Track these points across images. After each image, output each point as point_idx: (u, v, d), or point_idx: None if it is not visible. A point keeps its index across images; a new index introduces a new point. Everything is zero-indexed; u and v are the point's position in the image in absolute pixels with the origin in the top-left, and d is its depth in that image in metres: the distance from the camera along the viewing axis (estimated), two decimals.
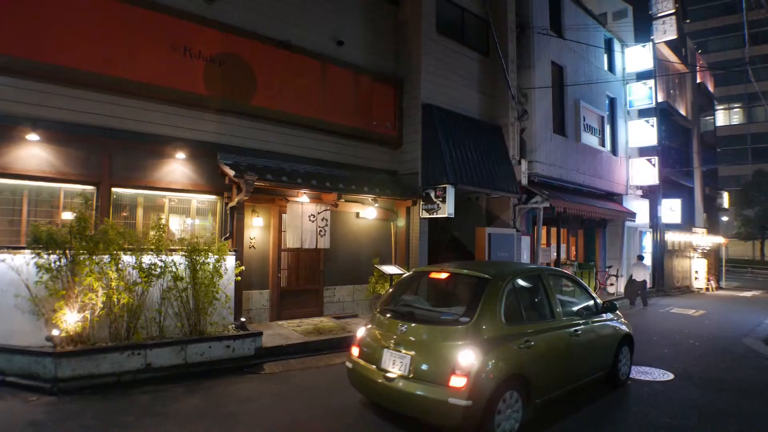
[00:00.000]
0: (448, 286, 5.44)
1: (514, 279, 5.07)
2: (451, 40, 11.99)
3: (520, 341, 4.60)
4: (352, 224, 10.77)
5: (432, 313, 5.01)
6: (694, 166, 25.07)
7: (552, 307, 5.35)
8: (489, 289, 4.69)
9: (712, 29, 53.82)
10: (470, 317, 4.47)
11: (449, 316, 4.70)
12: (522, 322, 4.86)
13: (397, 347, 4.61)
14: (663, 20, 20.29)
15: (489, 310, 4.53)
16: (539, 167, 13.57)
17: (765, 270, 39.68)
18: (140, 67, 7.75)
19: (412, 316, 4.91)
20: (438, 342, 4.43)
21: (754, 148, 52.49)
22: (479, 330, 4.37)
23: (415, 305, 5.20)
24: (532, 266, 5.92)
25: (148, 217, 8.31)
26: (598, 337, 5.95)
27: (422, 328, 4.62)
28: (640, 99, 18.87)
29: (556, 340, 5.13)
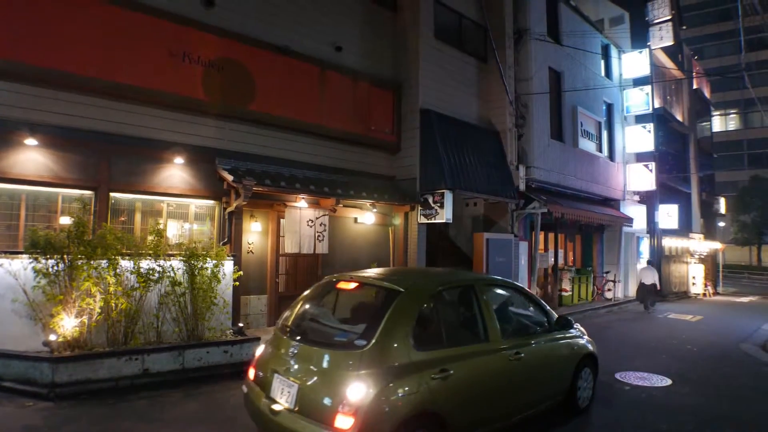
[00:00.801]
0: (357, 298, 4.56)
1: (434, 292, 4.27)
2: (449, 46, 12.05)
3: (434, 370, 3.75)
4: (350, 229, 10.78)
5: (328, 333, 4.15)
6: (691, 171, 25.16)
7: (486, 325, 4.46)
8: (397, 305, 3.83)
9: (708, 35, 54.15)
10: (368, 340, 3.59)
11: (343, 337, 3.89)
12: (439, 345, 4.02)
13: (286, 373, 3.81)
14: (659, 26, 20.43)
15: (393, 331, 3.67)
16: (537, 173, 13.61)
17: (762, 275, 39.77)
18: (139, 72, 7.77)
19: (305, 335, 4.11)
20: (327, 369, 3.61)
21: (751, 153, 52.68)
22: (378, 356, 3.53)
23: (317, 321, 4.37)
24: (465, 276, 5.02)
25: (146, 221, 8.31)
26: (549, 358, 5.15)
27: (312, 351, 3.81)
28: (637, 105, 18.97)
29: (487, 366, 4.29)
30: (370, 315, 3.97)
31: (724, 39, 52.46)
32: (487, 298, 4.65)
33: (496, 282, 5.39)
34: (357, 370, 3.45)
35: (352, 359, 3.52)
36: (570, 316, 5.86)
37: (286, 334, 4.19)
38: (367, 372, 3.44)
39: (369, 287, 4.38)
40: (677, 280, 23.10)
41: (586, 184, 16.21)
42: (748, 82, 21.65)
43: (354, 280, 4.46)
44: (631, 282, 19.29)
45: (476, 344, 4.34)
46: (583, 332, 5.97)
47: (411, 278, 4.51)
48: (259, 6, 9.37)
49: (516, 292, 5.52)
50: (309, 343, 3.93)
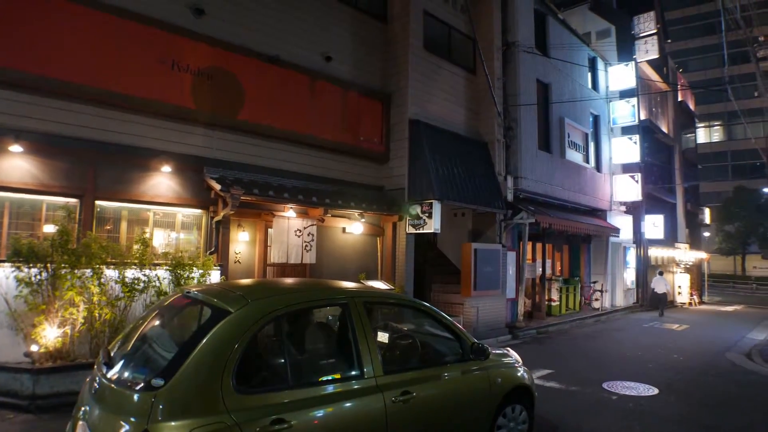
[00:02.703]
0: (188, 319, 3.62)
1: (281, 313, 3.24)
2: (438, 57, 12.13)
3: (263, 422, 2.74)
4: (338, 239, 10.75)
5: (133, 365, 3.11)
6: (676, 182, 25.47)
7: (360, 356, 3.38)
8: (217, 331, 2.87)
9: (692, 49, 55.11)
10: (167, 377, 2.63)
11: (141, 373, 2.91)
12: (278, 386, 3.05)
13: (85, 416, 2.91)
14: (645, 40, 20.72)
15: (202, 366, 2.71)
16: (525, 183, 13.71)
17: (746, 284, 40.30)
18: (128, 80, 7.72)
19: (113, 366, 3.09)
20: (113, 416, 2.66)
21: (734, 165, 53.51)
22: (176, 402, 2.57)
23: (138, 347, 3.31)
24: (335, 291, 3.86)
25: (132, 230, 8.22)
26: (455, 397, 3.96)
27: (106, 390, 2.89)
28: (623, 116, 19.22)
29: (355, 412, 3.22)
30: (183, 343, 2.96)
31: (708, 53, 53.44)
32: (366, 321, 3.55)
33: (383, 299, 4.36)
34: (144, 421, 2.48)
35: (140, 404, 2.57)
36: (558, 325, 5.56)
37: (102, 362, 3.19)
38: (156, 426, 2.47)
39: (202, 305, 3.40)
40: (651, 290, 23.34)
41: (573, 194, 16.34)
42: (731, 94, 22.06)
43: (190, 294, 3.58)
44: (618, 291, 19.43)
45: (341, 382, 3.29)
46: (516, 359, 4.90)
47: (254, 294, 3.38)
48: (250, 15, 9.38)
49: (418, 311, 4.40)
50: (108, 378, 2.95)
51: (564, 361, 9.15)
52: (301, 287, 3.98)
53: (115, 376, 2.95)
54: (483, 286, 11.65)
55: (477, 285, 11.49)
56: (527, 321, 13.79)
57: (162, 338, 3.35)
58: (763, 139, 38.67)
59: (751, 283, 40.81)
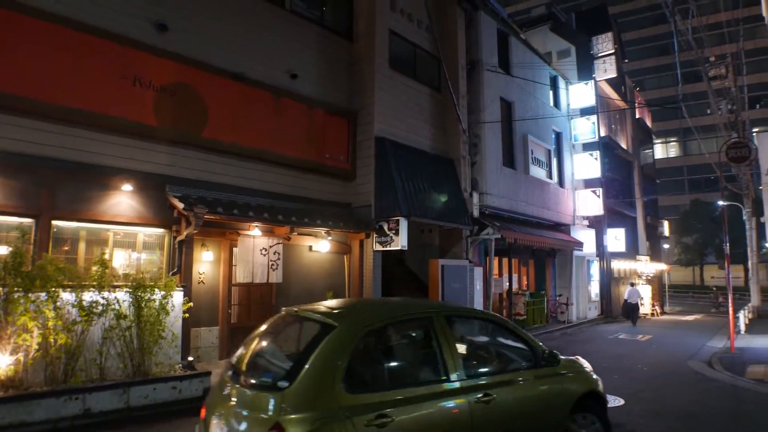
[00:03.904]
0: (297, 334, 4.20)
1: (376, 327, 3.83)
2: (404, 76, 12.27)
3: (369, 416, 3.27)
4: (305, 258, 10.66)
5: (259, 372, 3.78)
6: (636, 196, 26.26)
7: (444, 363, 3.87)
8: (328, 341, 3.46)
9: (648, 68, 57.32)
10: (290, 380, 3.25)
11: (268, 378, 3.57)
12: (378, 387, 3.59)
13: (221, 415, 3.53)
14: (603, 60, 21.44)
15: (319, 371, 3.30)
16: (490, 199, 13.91)
17: (704, 294, 41.59)
18: (87, 96, 7.54)
19: (240, 374, 3.74)
20: (249, 413, 3.29)
21: (690, 179, 55.61)
22: (299, 400, 3.17)
23: (258, 359, 3.97)
24: (421, 308, 4.37)
25: (91, 251, 7.97)
26: (531, 401, 4.32)
27: (241, 392, 3.50)
28: (584, 133, 19.78)
29: (443, 410, 3.68)
30: (300, 352, 3.63)
31: (664, 72, 55.68)
32: (448, 332, 4.05)
33: (462, 313, 4.87)
34: (277, 413, 3.09)
35: (271, 402, 3.19)
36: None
37: (227, 372, 3.90)
38: (285, 418, 3.05)
39: (308, 321, 3.98)
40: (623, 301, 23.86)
41: (537, 209, 16.65)
42: (685, 112, 23.00)
43: (297, 313, 4.15)
44: (583, 304, 19.79)
45: (429, 385, 3.76)
46: (586, 366, 5.16)
47: (353, 311, 4.10)
48: (214, 32, 9.31)
49: (492, 323, 4.86)
50: (240, 383, 3.59)
51: None
52: (391, 305, 4.60)
53: (244, 381, 3.57)
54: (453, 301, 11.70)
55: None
56: None
57: (276, 349, 4.08)
58: (716, 154, 40.30)
59: (709, 292, 42.21)
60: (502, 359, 4.68)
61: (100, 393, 6.07)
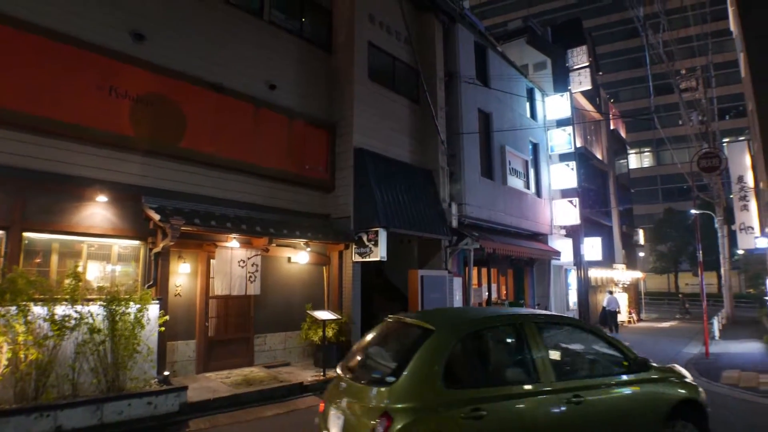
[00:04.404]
0: (400, 337, 4.69)
1: (470, 331, 4.29)
2: (382, 87, 12.35)
3: (465, 410, 3.69)
4: (283, 269, 10.59)
5: (369, 370, 4.35)
6: (612, 206, 26.73)
7: (535, 365, 4.19)
8: (427, 343, 3.94)
9: (622, 81, 58.61)
10: (397, 376, 3.76)
11: (378, 374, 4.10)
12: (474, 385, 4.01)
13: (337, 406, 4.08)
14: (579, 72, 21.86)
15: (421, 369, 3.78)
16: (469, 210, 14.00)
17: (679, 301, 42.34)
18: (62, 106, 7.43)
19: (353, 371, 4.34)
20: (361, 404, 3.85)
21: (664, 188, 56.79)
22: (404, 393, 3.66)
23: (366, 359, 4.55)
24: (513, 315, 4.78)
25: (64, 264, 7.81)
26: (622, 405, 4.49)
27: (354, 386, 4.06)
28: (560, 144, 20.08)
29: (535, 408, 4.00)
30: (403, 352, 4.09)
31: (637, 84, 56.96)
32: (538, 337, 4.36)
33: (553, 319, 5.13)
34: (385, 404, 3.63)
35: (380, 395, 3.74)
36: None
37: (341, 371, 4.47)
38: (393, 407, 3.59)
39: (411, 327, 4.49)
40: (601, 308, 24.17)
41: (515, 219, 16.82)
42: (657, 123, 23.56)
43: (401, 319, 4.74)
44: (561, 312, 19.95)
45: (521, 385, 4.10)
46: (684, 374, 5.19)
47: (450, 318, 4.59)
48: (192, 42, 9.27)
49: (583, 330, 5.04)
50: (353, 379, 4.18)
51: None
52: (484, 313, 4.98)
53: (357, 378, 4.17)
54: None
55: None
56: None
57: (383, 351, 4.63)
58: (688, 164, 41.20)
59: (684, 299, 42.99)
60: (593, 364, 4.84)
61: (72, 410, 5.94)
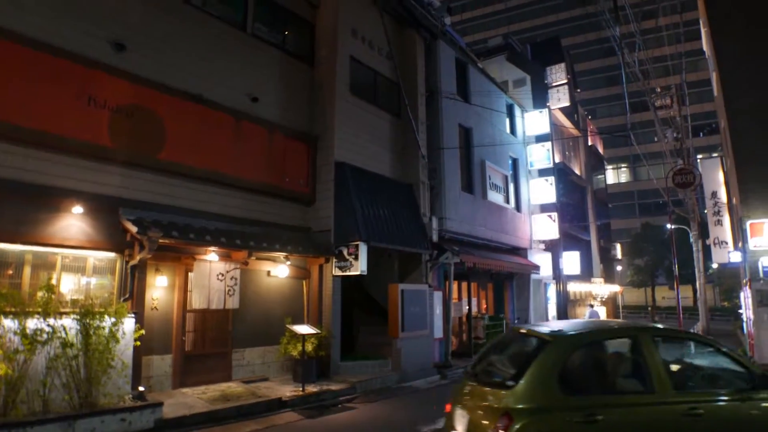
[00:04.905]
0: (520, 345, 4.96)
1: (586, 342, 4.55)
2: (364, 101, 12.42)
3: (581, 413, 3.88)
4: (263, 283, 10.49)
5: (491, 374, 4.75)
6: (590, 220, 27.12)
7: (651, 376, 4.19)
8: (546, 351, 4.21)
9: (600, 98, 59.87)
10: (517, 380, 4.05)
11: (499, 378, 4.50)
12: (589, 392, 4.20)
13: (463, 407, 4.50)
14: (557, 89, 22.32)
15: (539, 374, 4.04)
16: (449, 224, 14.09)
17: (657, 315, 43.01)
18: (38, 115, 7.31)
19: (477, 376, 4.75)
20: (485, 404, 4.23)
21: (641, 203, 57.87)
22: (523, 395, 3.94)
23: (488, 365, 4.93)
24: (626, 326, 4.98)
25: (37, 276, 7.62)
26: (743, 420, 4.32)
27: (476, 389, 4.50)
28: (539, 160, 20.37)
29: (649, 417, 4.07)
30: (523, 359, 4.37)
31: (614, 101, 58.21)
32: (655, 349, 4.35)
33: (669, 333, 5.17)
34: (507, 405, 3.93)
35: (502, 396, 4.05)
36: None
37: (466, 375, 4.89)
38: (514, 407, 3.88)
39: (530, 337, 4.74)
40: None
41: (495, 234, 16.96)
42: (633, 140, 24.08)
43: (520, 330, 5.10)
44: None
45: (636, 395, 4.21)
46: None
47: (566, 329, 4.73)
48: (174, 52, 9.23)
49: (702, 343, 5.03)
50: (477, 383, 4.56)
51: None
52: (600, 326, 5.26)
53: (480, 381, 4.57)
54: (411, 326, 11.70)
55: (405, 326, 11.52)
56: (456, 360, 13.93)
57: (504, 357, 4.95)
58: (664, 180, 42.03)
59: (660, 313, 43.69)
60: (712, 378, 4.74)
61: (42, 426, 5.78)
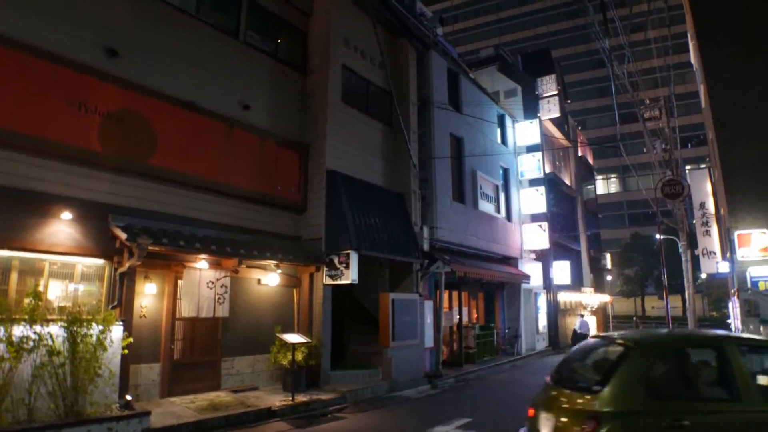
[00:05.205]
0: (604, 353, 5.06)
1: (671, 350, 4.70)
2: (356, 110, 12.46)
3: (666, 419, 3.98)
4: (253, 291, 10.44)
5: (576, 379, 4.91)
6: (580, 230, 27.27)
7: (737, 385, 4.20)
8: (632, 358, 4.37)
9: (589, 109, 60.41)
10: (603, 385, 4.20)
11: (585, 383, 4.62)
12: (675, 398, 4.32)
13: (548, 410, 4.64)
14: (548, 100, 22.50)
15: (626, 380, 4.20)
16: (440, 233, 14.11)
17: (646, 324, 43.17)
18: (28, 119, 7.25)
19: (562, 381, 4.91)
20: (571, 408, 4.37)
21: (630, 213, 58.24)
22: (610, 399, 4.09)
23: (573, 371, 5.12)
24: (714, 336, 4.92)
25: (24, 282, 7.54)
26: None
27: (562, 394, 4.64)
28: (530, 170, 20.51)
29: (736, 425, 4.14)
30: (609, 365, 4.51)
31: (603, 112, 58.74)
32: (741, 358, 4.38)
33: (756, 342, 5.05)
34: (593, 408, 4.10)
35: (589, 400, 4.21)
36: (476, 372, 5.90)
37: (551, 381, 4.99)
38: (601, 411, 4.05)
39: (614, 344, 4.89)
40: (572, 332, 24.45)
41: (486, 243, 17.00)
42: (623, 151, 24.31)
43: (604, 338, 5.36)
44: (531, 336, 20.11)
45: (723, 403, 4.26)
46: None
47: (652, 337, 4.99)
48: (166, 59, 9.22)
49: None
50: (563, 388, 4.72)
51: (482, 409, 9.27)
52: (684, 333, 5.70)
53: (566, 386, 4.72)
54: (401, 335, 11.67)
55: (395, 335, 11.48)
56: (446, 369, 13.89)
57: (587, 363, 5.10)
58: (653, 191, 42.42)
59: (649, 322, 43.89)
60: None
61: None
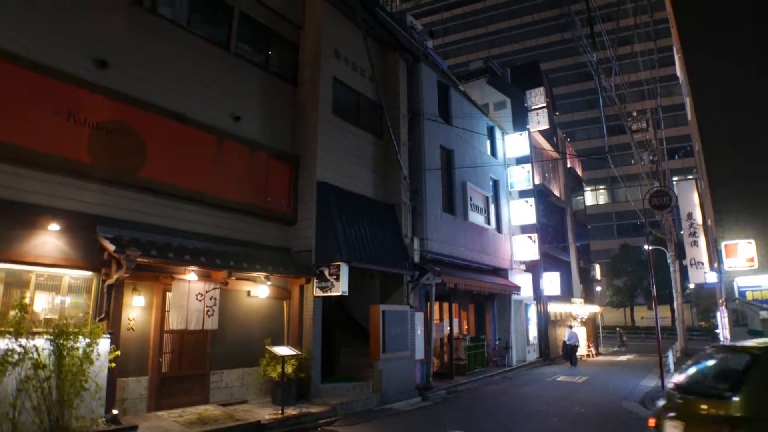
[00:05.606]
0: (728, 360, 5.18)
1: None
2: (346, 122, 12.49)
3: None
4: (243, 303, 10.36)
5: (703, 387, 4.98)
6: (569, 241, 27.40)
7: None
8: (760, 365, 4.46)
9: (578, 121, 61.15)
10: (734, 392, 4.31)
11: (714, 391, 4.71)
12: None
13: (673, 418, 4.80)
14: (537, 112, 22.69)
15: (758, 387, 4.29)
16: (431, 245, 14.13)
17: (636, 335, 43.38)
18: (14, 130, 7.20)
19: (687, 389, 5.00)
20: (702, 415, 4.49)
21: (619, 224, 58.77)
22: (743, 405, 4.20)
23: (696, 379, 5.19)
24: None
25: (9, 294, 7.43)
26: None
27: (690, 402, 4.75)
28: (519, 181, 20.65)
29: None
30: (737, 372, 4.57)
31: (592, 124, 59.42)
32: None
33: None
34: (727, 414, 4.20)
35: (723, 407, 4.30)
36: (467, 384, 5.85)
37: (673, 390, 5.11)
38: (735, 416, 4.15)
39: (737, 352, 5.03)
40: (562, 343, 24.47)
41: (476, 254, 17.04)
42: (611, 162, 24.57)
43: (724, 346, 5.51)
44: (522, 347, 20.11)
45: None
46: None
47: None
48: (157, 71, 9.21)
49: None
50: (691, 395, 4.83)
51: (474, 421, 9.25)
52: None
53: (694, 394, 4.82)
54: (392, 347, 11.62)
55: (386, 347, 11.44)
56: (437, 381, 13.84)
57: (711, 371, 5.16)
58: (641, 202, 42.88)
59: (640, 333, 44.08)
60: None
61: None
